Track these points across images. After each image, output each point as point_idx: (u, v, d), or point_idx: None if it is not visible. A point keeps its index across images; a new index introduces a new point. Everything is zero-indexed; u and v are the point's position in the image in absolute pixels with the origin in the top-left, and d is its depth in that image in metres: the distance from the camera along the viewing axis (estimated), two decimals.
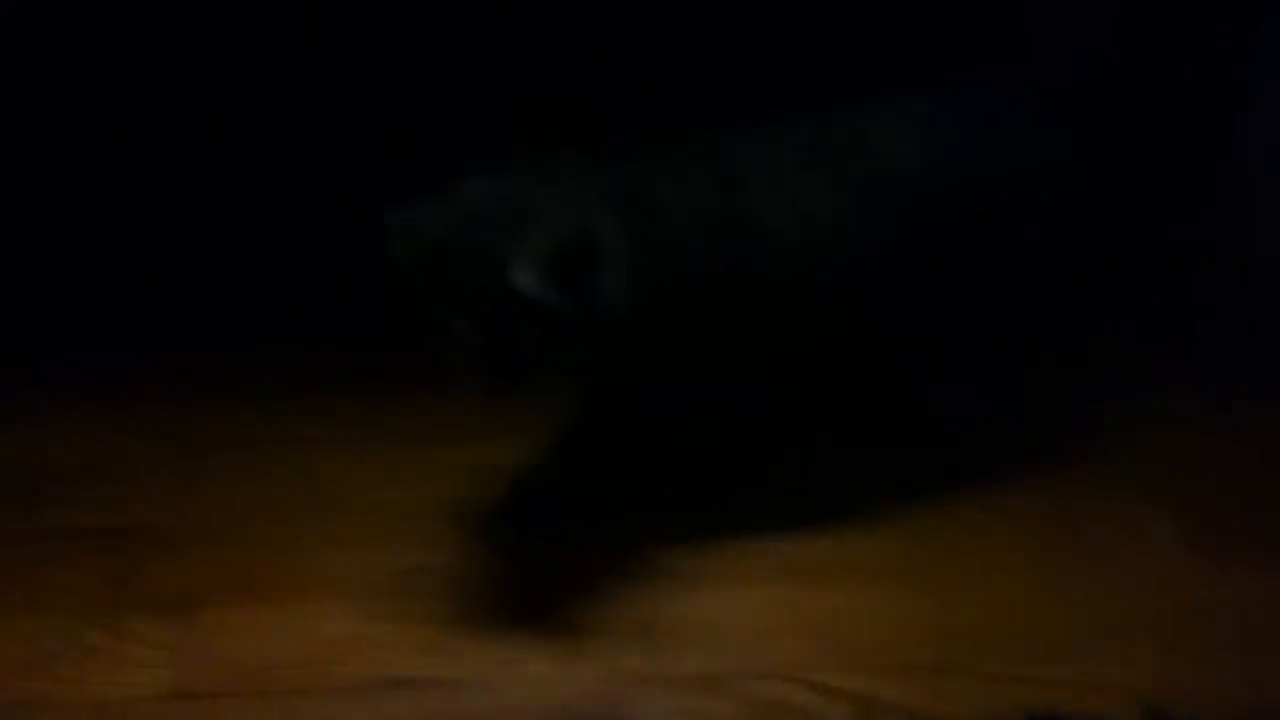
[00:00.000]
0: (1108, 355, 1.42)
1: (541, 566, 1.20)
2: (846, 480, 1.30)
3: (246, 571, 1.19)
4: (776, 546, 1.22)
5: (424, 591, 1.17)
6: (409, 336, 1.08)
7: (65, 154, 1.40)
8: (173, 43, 1.39)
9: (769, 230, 1.14)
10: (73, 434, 1.35)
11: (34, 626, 1.14)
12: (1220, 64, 1.41)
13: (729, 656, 1.11)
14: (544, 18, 1.41)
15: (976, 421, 1.33)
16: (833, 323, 1.21)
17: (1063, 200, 1.25)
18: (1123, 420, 1.35)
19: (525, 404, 1.09)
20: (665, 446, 1.26)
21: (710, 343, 1.16)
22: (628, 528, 1.23)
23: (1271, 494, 1.26)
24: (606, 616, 1.15)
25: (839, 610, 1.16)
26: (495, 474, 1.28)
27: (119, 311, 1.45)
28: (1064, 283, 1.33)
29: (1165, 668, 1.09)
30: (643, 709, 1.06)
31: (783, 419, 1.37)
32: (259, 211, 1.43)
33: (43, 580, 1.19)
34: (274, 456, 1.32)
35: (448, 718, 1.06)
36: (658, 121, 1.13)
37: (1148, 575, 1.18)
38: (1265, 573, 1.18)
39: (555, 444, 1.19)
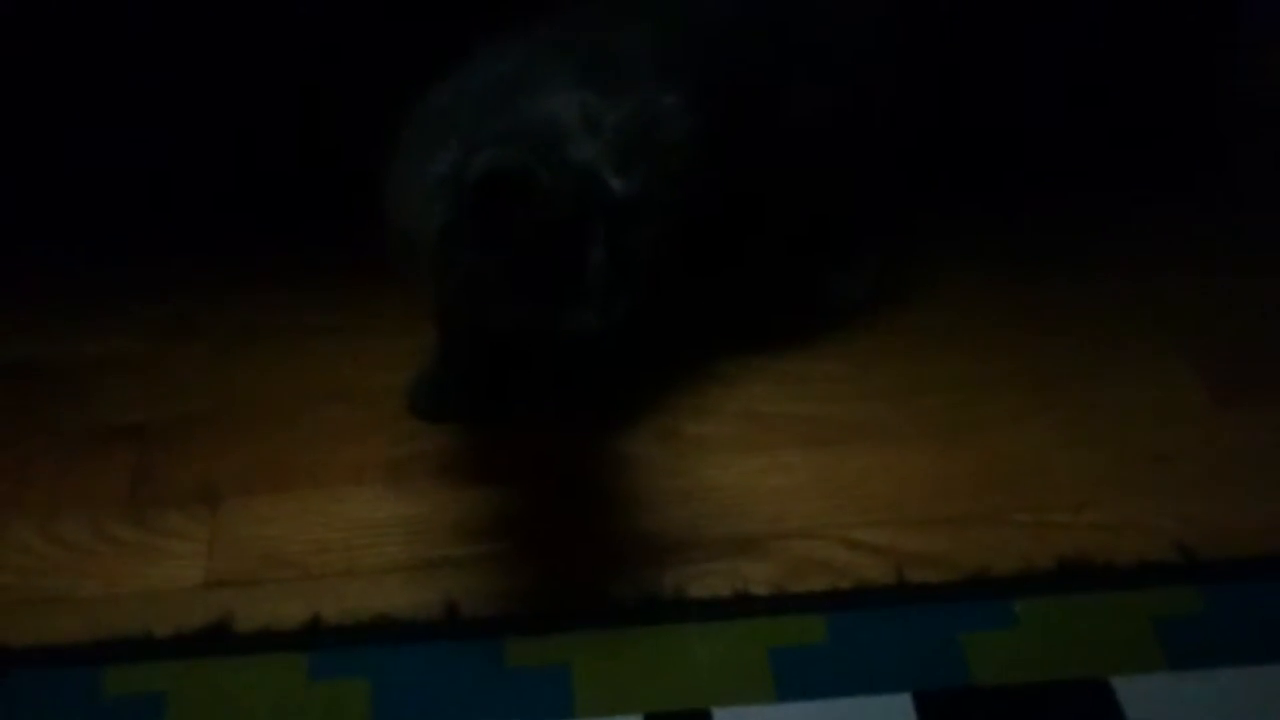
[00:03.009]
0: (1127, 207, 1.42)
1: (566, 442, 1.20)
2: (843, 348, 1.29)
3: (266, 461, 1.19)
4: (792, 414, 1.22)
5: (448, 473, 1.17)
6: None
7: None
8: None
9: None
10: (78, 333, 1.33)
11: (60, 525, 1.13)
12: None
13: (762, 519, 1.12)
14: None
15: (863, 300, 1.32)
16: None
17: (883, 62, 1.23)
18: (1142, 271, 1.35)
19: None
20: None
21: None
22: (643, 401, 1.23)
23: None
24: (637, 486, 1.15)
25: (864, 470, 1.16)
26: None
27: (118, 211, 1.42)
28: (908, 151, 1.29)
29: (1193, 510, 1.10)
30: (682, 573, 1.07)
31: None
32: (250, 110, 1.40)
33: (63, 479, 1.18)
34: (277, 347, 1.31)
35: (492, 592, 1.06)
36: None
37: (1172, 421, 1.19)
38: None
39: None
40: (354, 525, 1.13)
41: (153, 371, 1.28)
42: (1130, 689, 0.97)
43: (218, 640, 1.03)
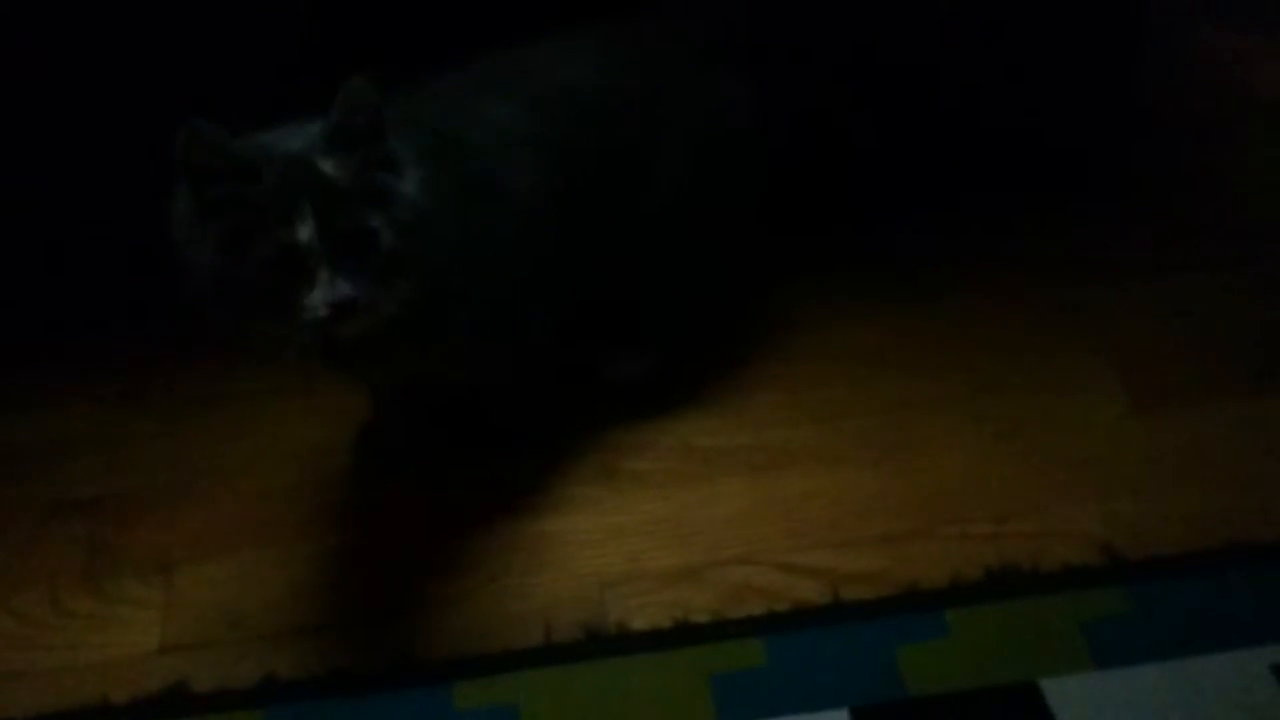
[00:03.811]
0: (1043, 222, 1.45)
1: (509, 485, 1.23)
2: (776, 377, 1.31)
3: (218, 525, 1.21)
4: (727, 445, 1.25)
5: (393, 523, 1.20)
6: None
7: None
8: None
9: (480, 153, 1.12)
10: (29, 411, 1.35)
11: (18, 600, 1.16)
12: None
13: (700, 548, 1.15)
14: None
15: (642, 380, 1.31)
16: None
17: (730, 143, 1.23)
18: (1061, 282, 1.38)
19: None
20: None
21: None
22: (583, 440, 1.26)
23: (1202, 341, 1.30)
24: (579, 524, 1.18)
25: (799, 495, 1.20)
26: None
27: (64, 289, 1.44)
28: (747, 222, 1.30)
29: (1116, 512, 1.14)
30: (624, 606, 1.10)
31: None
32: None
33: (21, 555, 1.20)
34: (225, 414, 1.33)
35: (444, 633, 1.10)
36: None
37: (1093, 426, 1.23)
38: (1203, 417, 1.22)
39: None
40: (304, 582, 1.15)
41: (105, 445, 1.31)
42: (1058, 689, 1.00)
43: (174, 704, 1.06)
